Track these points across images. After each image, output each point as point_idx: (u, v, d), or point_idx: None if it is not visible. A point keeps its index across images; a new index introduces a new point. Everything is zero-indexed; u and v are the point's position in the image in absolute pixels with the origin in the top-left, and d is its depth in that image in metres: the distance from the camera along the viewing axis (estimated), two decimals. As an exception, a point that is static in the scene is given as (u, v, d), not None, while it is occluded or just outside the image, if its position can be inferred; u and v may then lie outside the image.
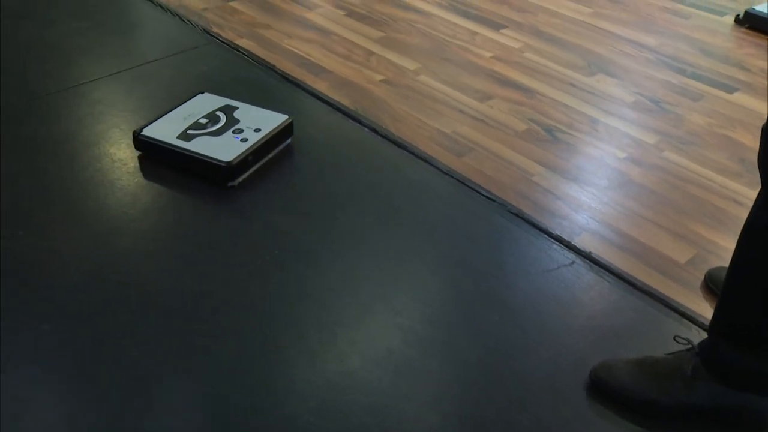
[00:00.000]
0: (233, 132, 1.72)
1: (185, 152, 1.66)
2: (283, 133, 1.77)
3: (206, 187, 1.64)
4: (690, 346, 1.18)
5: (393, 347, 1.29)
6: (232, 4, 2.64)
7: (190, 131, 1.71)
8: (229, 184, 1.66)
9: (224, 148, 1.66)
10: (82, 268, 1.42)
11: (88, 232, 1.51)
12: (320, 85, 2.10)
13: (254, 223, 1.56)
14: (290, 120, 1.78)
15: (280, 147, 1.78)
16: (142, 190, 1.65)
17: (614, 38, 2.49)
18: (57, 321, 1.30)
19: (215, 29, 2.42)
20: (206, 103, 1.83)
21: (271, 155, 1.75)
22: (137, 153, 1.74)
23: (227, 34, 2.38)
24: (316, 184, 1.70)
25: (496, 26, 2.53)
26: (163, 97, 1.99)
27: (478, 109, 2.03)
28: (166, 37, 2.38)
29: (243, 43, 2.33)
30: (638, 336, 1.34)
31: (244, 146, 1.67)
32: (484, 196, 1.67)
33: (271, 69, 2.16)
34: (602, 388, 1.21)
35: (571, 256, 1.52)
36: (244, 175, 1.69)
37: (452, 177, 1.73)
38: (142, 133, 1.72)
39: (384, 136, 1.87)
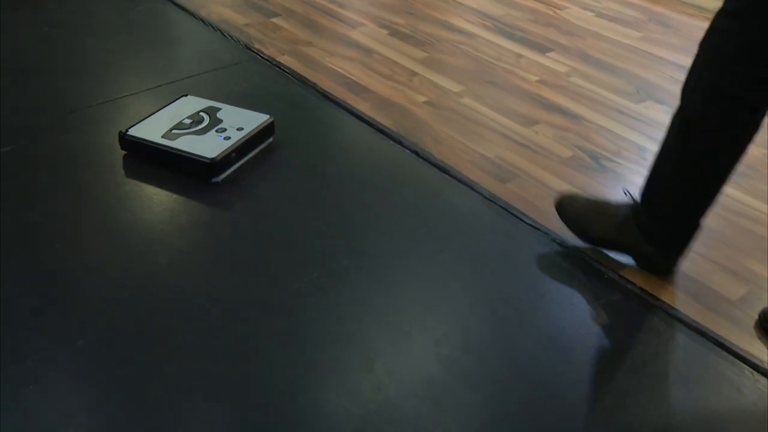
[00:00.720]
0: (216, 131, 1.84)
1: (170, 150, 1.78)
2: (265, 132, 1.91)
3: (246, 203, 1.69)
4: (633, 203, 1.54)
5: (432, 377, 1.29)
6: (274, 20, 2.70)
7: (174, 131, 1.84)
8: (213, 179, 1.77)
9: (208, 146, 1.78)
10: (116, 281, 1.45)
11: (123, 245, 1.55)
12: (361, 105, 2.13)
13: (294, 247, 1.59)
14: (271, 120, 1.92)
15: (263, 145, 1.90)
16: (180, 206, 1.69)
17: (664, 64, 2.48)
18: (91, 335, 1.34)
19: (257, 45, 2.47)
20: (190, 104, 1.96)
21: (254, 153, 1.88)
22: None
23: (269, 51, 2.43)
24: (355, 205, 1.72)
25: (543, 49, 2.54)
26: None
27: (522, 134, 2.03)
28: (207, 52, 2.44)
29: (284, 60, 2.37)
30: (686, 374, 1.33)
31: (227, 144, 1.80)
32: (527, 224, 1.67)
33: (312, 87, 2.20)
34: (559, 211, 1.63)
35: (616, 289, 1.51)
36: (228, 171, 1.80)
37: (495, 203, 1.74)
38: (128, 133, 1.83)
39: (425, 159, 1.88)
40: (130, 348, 1.31)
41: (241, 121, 1.89)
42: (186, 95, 2.01)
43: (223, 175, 1.79)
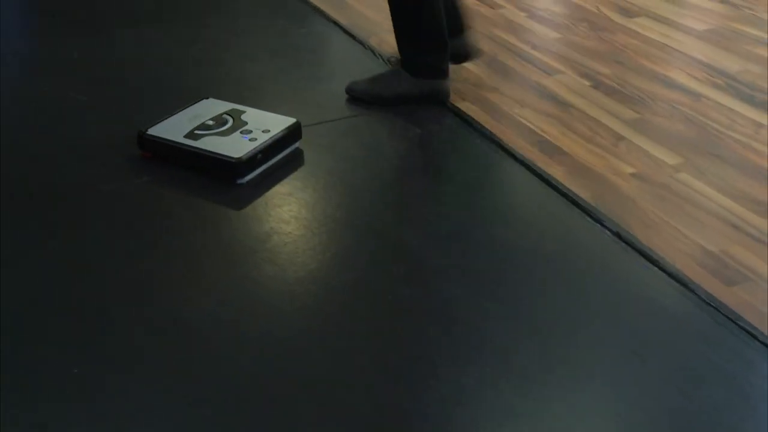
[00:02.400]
0: (241, 132, 2.06)
1: (193, 150, 2.00)
2: (292, 135, 2.12)
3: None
4: (395, 60, 2.43)
5: None
6: (455, 58, 2.81)
7: (197, 131, 2.06)
8: (238, 181, 1.98)
9: (233, 146, 2.00)
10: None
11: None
12: (554, 170, 2.13)
13: (455, 328, 1.61)
14: (298, 123, 2.13)
15: (289, 149, 2.12)
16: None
17: None
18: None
19: (433, 86, 2.57)
20: (212, 107, 2.18)
21: (280, 156, 2.08)
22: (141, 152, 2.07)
23: (447, 94, 2.53)
24: (535, 289, 1.71)
25: (789, 120, 2.46)
26: (370, 158, 2.16)
27: (757, 226, 1.95)
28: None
29: (465, 106, 2.43)
30: None
31: (253, 145, 2.01)
32: (759, 341, 1.59)
33: (495, 142, 2.24)
34: (350, 94, 2.40)
35: None
36: (254, 173, 2.00)
37: (716, 310, 1.66)
38: (147, 132, 2.06)
39: (628, 243, 1.85)
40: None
41: (267, 124, 2.10)
42: (207, 98, 2.22)
43: (249, 177, 1.99)
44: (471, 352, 1.53)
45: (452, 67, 2.43)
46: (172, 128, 2.07)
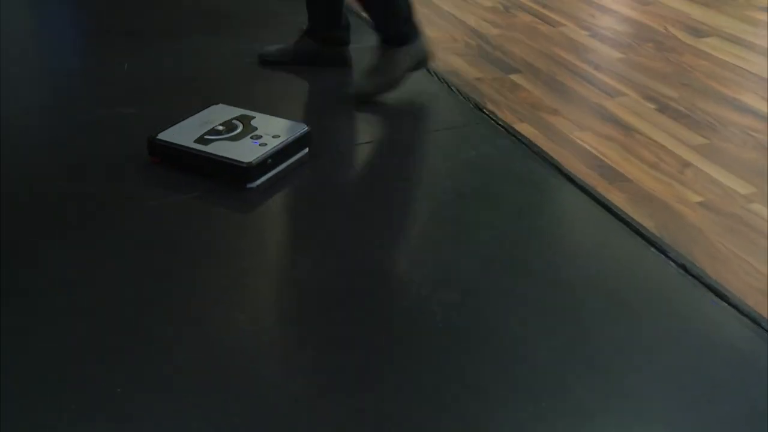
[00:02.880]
0: (251, 138, 2.18)
1: (204, 154, 2.12)
2: (301, 141, 2.24)
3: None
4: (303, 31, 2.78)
5: None
6: (513, 77, 2.82)
7: (207, 137, 2.18)
8: (249, 185, 2.09)
9: (243, 151, 2.12)
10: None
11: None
12: (615, 196, 2.14)
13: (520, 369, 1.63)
14: (308, 130, 2.25)
15: (298, 156, 2.23)
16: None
17: None
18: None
19: (490, 106, 2.59)
20: (221, 112, 2.31)
21: (289, 162, 2.19)
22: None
23: (504, 115, 2.54)
24: (596, 323, 1.71)
25: None
26: (421, 180, 2.19)
27: (834, 263, 1.94)
28: (428, 108, 2.61)
29: (522, 128, 2.46)
30: None
31: (264, 150, 2.13)
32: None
33: (554, 166, 2.25)
34: (262, 60, 2.79)
35: None
36: (264, 178, 2.11)
37: (789, 351, 1.66)
38: (158, 137, 2.18)
39: (696, 277, 1.84)
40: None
41: (277, 130, 2.22)
42: (217, 104, 2.34)
43: (259, 182, 2.10)
44: (525, 386, 1.54)
45: (506, 84, 2.46)
46: (183, 133, 2.20)
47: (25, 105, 2.55)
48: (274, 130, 2.21)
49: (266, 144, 2.15)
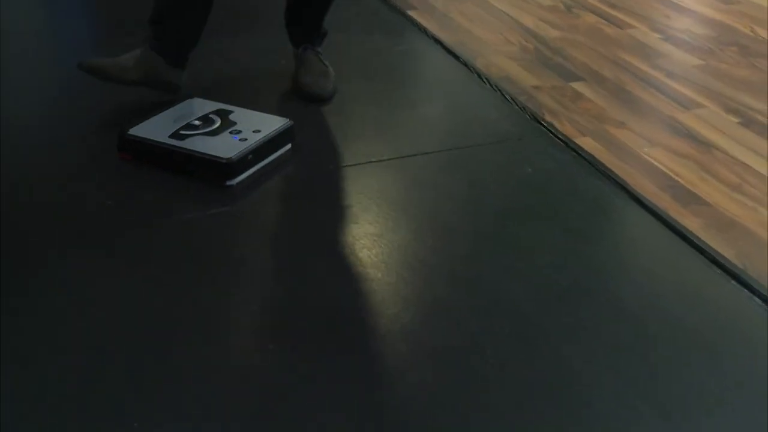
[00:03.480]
0: (230, 132, 2.20)
1: (180, 150, 2.14)
2: (284, 136, 2.26)
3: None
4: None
5: None
6: (574, 85, 2.79)
7: (182, 131, 2.19)
8: (228, 182, 2.11)
9: (222, 147, 2.14)
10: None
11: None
12: (690, 221, 2.10)
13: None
14: (291, 124, 2.28)
15: (281, 151, 2.26)
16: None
17: None
18: None
19: (548, 117, 2.56)
20: (197, 106, 2.33)
21: (271, 158, 2.22)
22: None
23: (564, 127, 2.50)
24: (662, 360, 1.65)
25: None
26: (472, 198, 2.14)
27: None
28: (479, 117, 2.55)
29: (584, 142, 2.42)
30: None
31: (244, 145, 2.15)
32: None
33: (620, 186, 2.20)
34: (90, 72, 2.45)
35: None
36: (245, 175, 2.14)
37: None
38: (129, 132, 2.19)
39: (784, 315, 1.79)
40: None
41: (257, 124, 2.25)
42: (192, 97, 2.38)
43: (239, 178, 2.13)
44: (586, 428, 1.50)
45: (567, 93, 2.42)
46: (156, 128, 2.21)
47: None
48: (254, 125, 2.24)
49: (246, 139, 2.17)
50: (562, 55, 3.03)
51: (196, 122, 2.23)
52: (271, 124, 2.26)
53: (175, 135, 2.17)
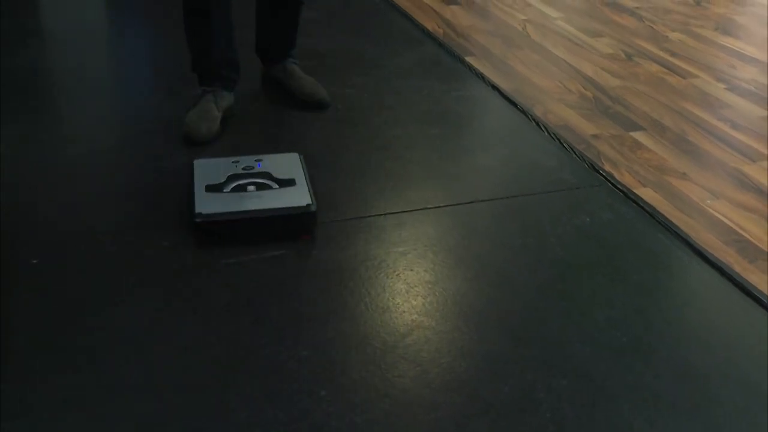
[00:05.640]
0: (277, 182, 2.18)
1: (257, 215, 2.07)
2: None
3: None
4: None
5: None
6: (634, 135, 2.77)
7: (243, 194, 2.14)
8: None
9: (290, 196, 2.13)
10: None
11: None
12: (757, 278, 2.06)
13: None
14: (300, 157, 2.31)
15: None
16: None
17: None
18: None
19: (607, 166, 2.54)
20: (216, 167, 2.23)
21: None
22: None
23: (624, 177, 2.49)
24: (736, 427, 1.63)
25: None
26: (529, 248, 2.13)
27: None
28: (536, 166, 2.55)
29: (645, 193, 2.40)
30: None
31: (304, 188, 2.16)
32: None
33: (682, 239, 2.19)
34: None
35: None
36: None
37: None
38: (201, 213, 2.06)
39: None
40: None
41: (284, 166, 2.24)
42: (196, 159, 2.30)
43: None
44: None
45: (627, 143, 2.39)
46: (213, 201, 2.11)
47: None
48: (283, 169, 2.22)
49: (295, 182, 2.17)
50: (622, 103, 3.02)
51: (243, 181, 2.17)
52: (291, 162, 2.27)
53: (239, 200, 2.12)
